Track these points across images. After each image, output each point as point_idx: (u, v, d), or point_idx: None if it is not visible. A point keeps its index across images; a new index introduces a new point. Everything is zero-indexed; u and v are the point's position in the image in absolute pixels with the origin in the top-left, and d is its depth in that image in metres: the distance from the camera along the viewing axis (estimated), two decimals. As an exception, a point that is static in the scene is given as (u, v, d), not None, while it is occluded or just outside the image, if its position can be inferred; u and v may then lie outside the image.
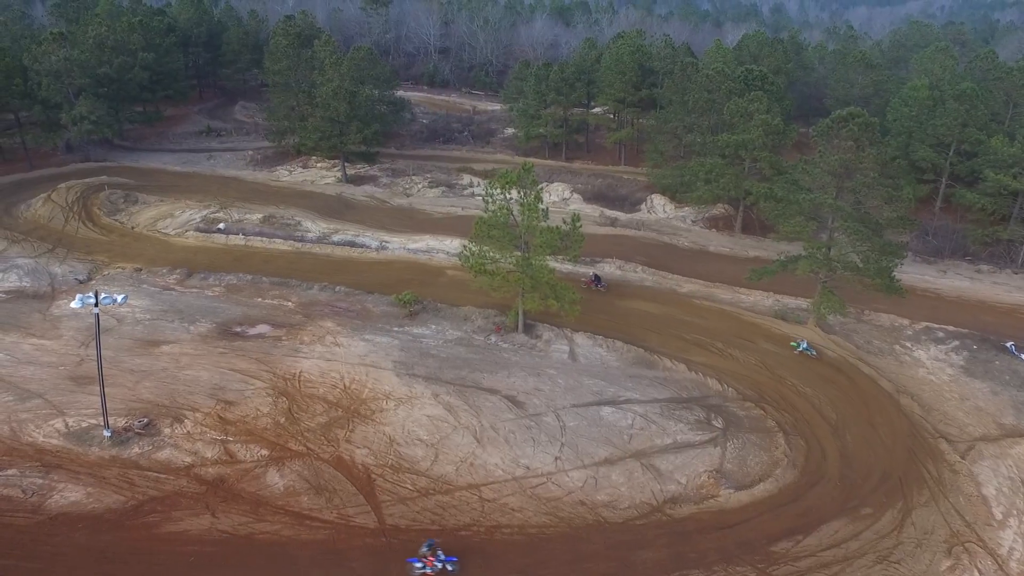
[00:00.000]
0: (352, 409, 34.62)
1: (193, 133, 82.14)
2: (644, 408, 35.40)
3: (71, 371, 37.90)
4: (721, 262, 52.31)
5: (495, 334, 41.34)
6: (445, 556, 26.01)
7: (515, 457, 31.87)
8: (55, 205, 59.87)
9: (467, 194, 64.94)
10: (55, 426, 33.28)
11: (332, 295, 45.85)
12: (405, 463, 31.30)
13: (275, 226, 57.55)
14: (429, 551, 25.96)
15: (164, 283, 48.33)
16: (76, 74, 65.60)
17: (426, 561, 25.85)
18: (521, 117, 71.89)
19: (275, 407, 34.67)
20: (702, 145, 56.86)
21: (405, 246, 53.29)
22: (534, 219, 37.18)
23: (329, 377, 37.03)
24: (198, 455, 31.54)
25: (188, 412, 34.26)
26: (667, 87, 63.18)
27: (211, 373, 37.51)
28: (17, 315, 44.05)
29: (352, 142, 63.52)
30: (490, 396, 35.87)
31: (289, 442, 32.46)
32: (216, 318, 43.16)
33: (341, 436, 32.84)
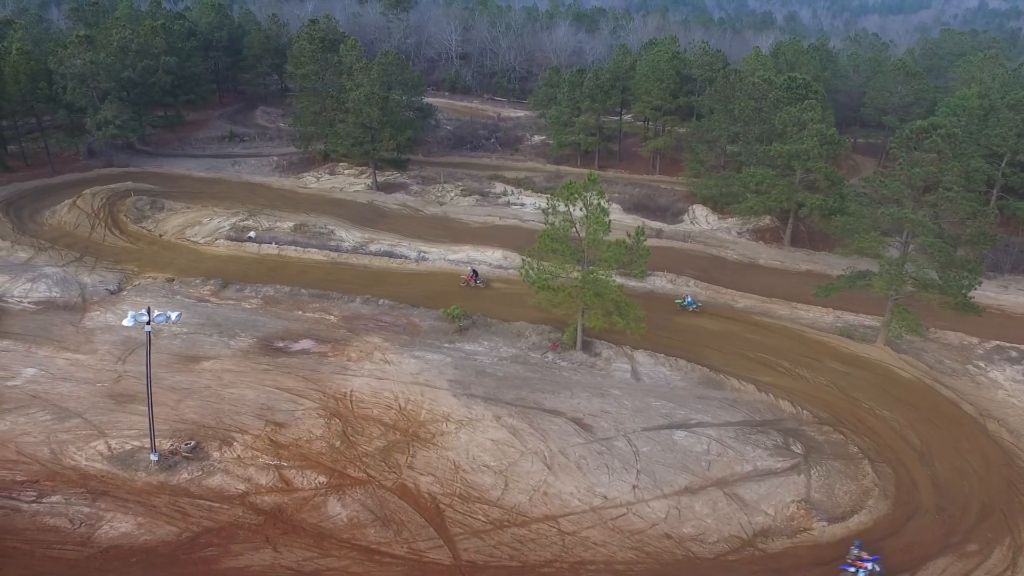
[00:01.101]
0: (411, 432, 32.72)
1: (215, 138, 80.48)
2: (718, 432, 33.51)
3: (109, 388, 36.03)
4: (773, 276, 50.48)
5: (551, 351, 39.47)
6: (869, 555, 25.35)
7: (590, 485, 29.96)
8: (80, 211, 58.10)
9: (502, 203, 63.16)
10: (97, 448, 31.39)
11: (376, 309, 44.00)
12: (474, 492, 29.38)
13: (307, 235, 55.77)
14: (859, 552, 25.30)
15: (198, 294, 46.51)
16: (102, 77, 63.99)
17: (858, 564, 25.01)
18: (554, 124, 70.23)
19: (328, 429, 32.78)
20: (749, 155, 55.17)
21: (445, 257, 51.47)
22: (600, 232, 35.34)
23: (382, 397, 35.16)
24: (252, 482, 29.62)
25: (236, 434, 32.37)
26: (708, 95, 61.56)
27: (257, 392, 35.64)
28: (49, 327, 42.21)
29: (385, 148, 61.84)
30: (555, 418, 33.98)
31: (347, 468, 30.55)
32: (256, 332, 41.31)
33: (402, 462, 30.92)
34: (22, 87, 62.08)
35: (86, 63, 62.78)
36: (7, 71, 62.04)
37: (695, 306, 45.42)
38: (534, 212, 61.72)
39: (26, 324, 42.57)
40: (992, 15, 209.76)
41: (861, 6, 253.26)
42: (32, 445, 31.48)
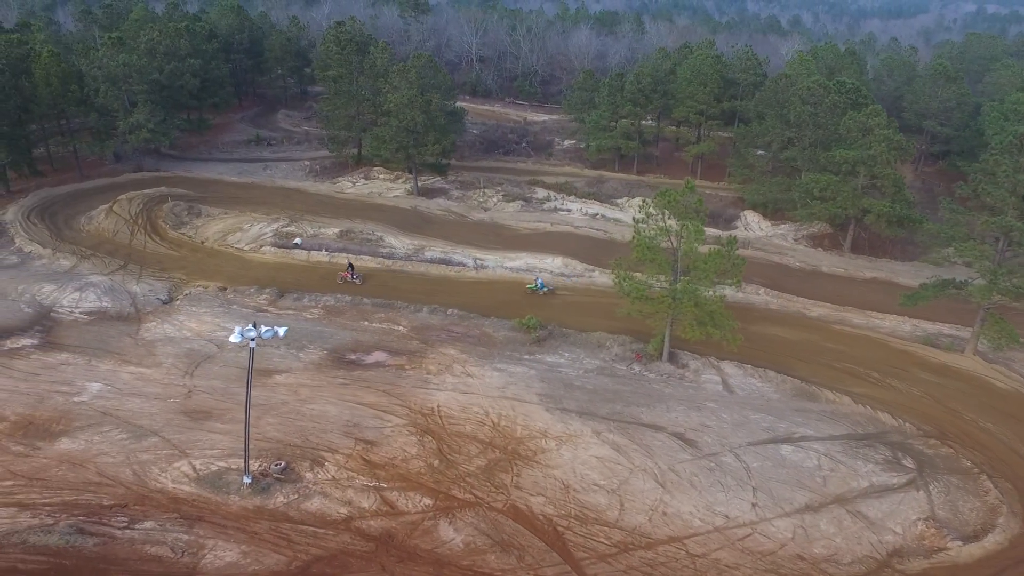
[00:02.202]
0: (510, 450, 31.30)
1: (241, 142, 78.57)
2: (824, 446, 32.37)
3: (182, 404, 34.35)
4: (838, 283, 49.54)
5: (636, 363, 38.23)
6: None
7: (708, 504, 28.70)
8: (118, 217, 56.15)
9: (548, 208, 61.83)
10: (182, 469, 29.72)
11: (445, 319, 42.54)
12: (590, 513, 28.02)
13: (354, 241, 54.20)
14: None
15: (255, 304, 44.82)
16: (134, 80, 62.04)
17: None
18: (593, 129, 69.06)
19: (423, 448, 31.30)
20: (805, 160, 54.26)
21: (502, 264, 50.08)
22: (699, 242, 34.12)
23: (472, 412, 33.73)
24: (353, 505, 28.07)
25: (326, 453, 30.83)
26: (757, 99, 60.66)
27: (338, 408, 34.10)
28: (106, 339, 40.41)
29: (430, 153, 60.32)
30: (655, 433, 32.72)
31: (451, 489, 29.07)
32: (325, 344, 39.73)
33: (508, 481, 29.50)
34: (53, 89, 60.02)
35: (119, 65, 60.84)
36: (38, 73, 60.00)
37: (545, 289, 45.43)
38: (583, 218, 60.61)
39: (82, 336, 40.78)
40: (991, 20, 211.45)
41: (860, 10, 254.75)
42: (113, 466, 29.81)
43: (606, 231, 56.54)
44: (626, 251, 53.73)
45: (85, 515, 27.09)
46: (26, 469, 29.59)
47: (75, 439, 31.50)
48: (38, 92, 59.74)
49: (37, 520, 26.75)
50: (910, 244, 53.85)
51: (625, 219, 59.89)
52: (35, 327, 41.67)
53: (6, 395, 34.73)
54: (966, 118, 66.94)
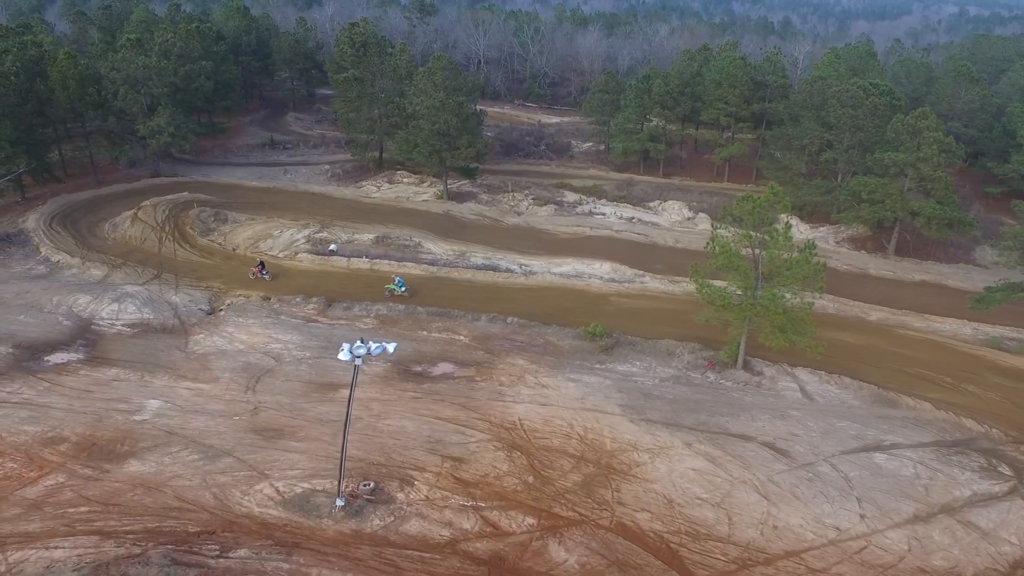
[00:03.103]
0: (604, 464, 30.31)
1: (255, 146, 76.60)
2: (917, 454, 31.85)
3: (250, 422, 32.84)
4: (888, 287, 49.25)
5: (710, 370, 37.47)
6: None
7: (816, 516, 27.96)
8: (144, 224, 54.18)
9: (581, 212, 60.95)
10: (265, 492, 28.25)
11: (505, 327, 41.40)
12: (700, 528, 27.13)
13: (391, 247, 52.82)
14: None
15: (304, 314, 43.31)
16: (154, 82, 59.95)
17: None
18: (619, 131, 68.33)
19: (513, 464, 30.17)
20: (846, 163, 54.04)
21: (549, 270, 49.03)
22: (784, 249, 33.42)
23: (555, 425, 32.70)
24: (454, 527, 26.86)
25: (414, 472, 29.57)
26: (791, 101, 60.34)
27: (415, 423, 32.85)
28: (155, 353, 38.68)
29: (463, 157, 59.08)
30: (746, 443, 31.94)
31: (553, 507, 27.99)
32: (387, 356, 38.36)
33: (609, 497, 28.51)
34: (70, 92, 57.77)
35: (139, 67, 58.74)
36: (54, 76, 57.73)
37: (404, 289, 45.01)
38: (619, 222, 59.79)
39: (129, 349, 38.99)
40: (976, 22, 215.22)
41: (844, 12, 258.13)
42: (190, 489, 28.27)
43: (646, 235, 55.80)
44: (671, 256, 53.75)
45: (173, 543, 25.57)
46: (99, 494, 27.97)
47: (144, 461, 29.92)
48: (55, 95, 57.50)
49: (123, 550, 25.16)
50: (951, 246, 53.95)
51: (662, 223, 59.38)
52: (78, 341, 39.85)
53: (62, 414, 33.02)
54: (989, 119, 67.36)
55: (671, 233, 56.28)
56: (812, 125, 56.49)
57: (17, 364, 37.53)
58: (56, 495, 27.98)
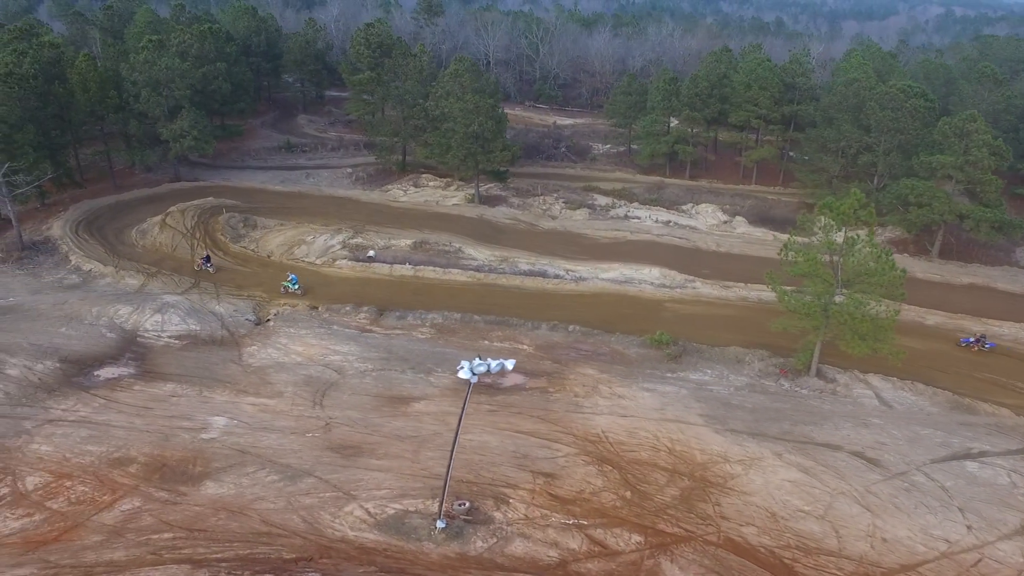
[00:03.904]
0: (698, 477, 29.56)
1: (271, 149, 74.85)
2: (1008, 462, 31.47)
3: (324, 439, 31.61)
4: (937, 290, 49.05)
5: (783, 378, 36.94)
6: None
7: (923, 527, 27.43)
8: (173, 231, 52.53)
9: (616, 216, 60.20)
10: (355, 514, 27.08)
11: (567, 336, 40.53)
12: (809, 542, 26.45)
13: (430, 253, 51.70)
14: None
15: (357, 324, 42.11)
16: (176, 84, 58.12)
17: None
18: (646, 134, 67.71)
19: (607, 478, 29.31)
20: (885, 166, 53.89)
21: (597, 276, 48.22)
22: (871, 256, 32.88)
23: (641, 437, 31.89)
24: (561, 546, 25.91)
25: (507, 489, 28.57)
26: (826, 103, 60.07)
27: (497, 437, 31.85)
28: (209, 366, 37.27)
29: (498, 160, 58.08)
30: (834, 453, 31.38)
31: (656, 523, 27.16)
32: (451, 366, 36.97)
33: (711, 511, 27.75)
34: (91, 95, 55.85)
35: (161, 69, 56.91)
36: (74, 79, 55.77)
37: (297, 287, 45.16)
38: (657, 225, 59.13)
39: (181, 363, 37.55)
40: (965, 22, 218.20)
41: (832, 12, 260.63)
42: (276, 512, 27.01)
43: (687, 239, 55.25)
44: (716, 260, 53.07)
45: (271, 572, 24.42)
46: (181, 519, 26.64)
47: (221, 482, 28.63)
48: (75, 98, 55.54)
49: (221, 580, 24.06)
50: (993, 248, 54.08)
51: (699, 226, 58.86)
52: (126, 354, 38.32)
53: (124, 433, 31.57)
54: (1015, 120, 67.73)
55: (711, 237, 55.78)
56: (850, 128, 56.27)
57: (67, 380, 35.99)
58: (135, 520, 26.62)
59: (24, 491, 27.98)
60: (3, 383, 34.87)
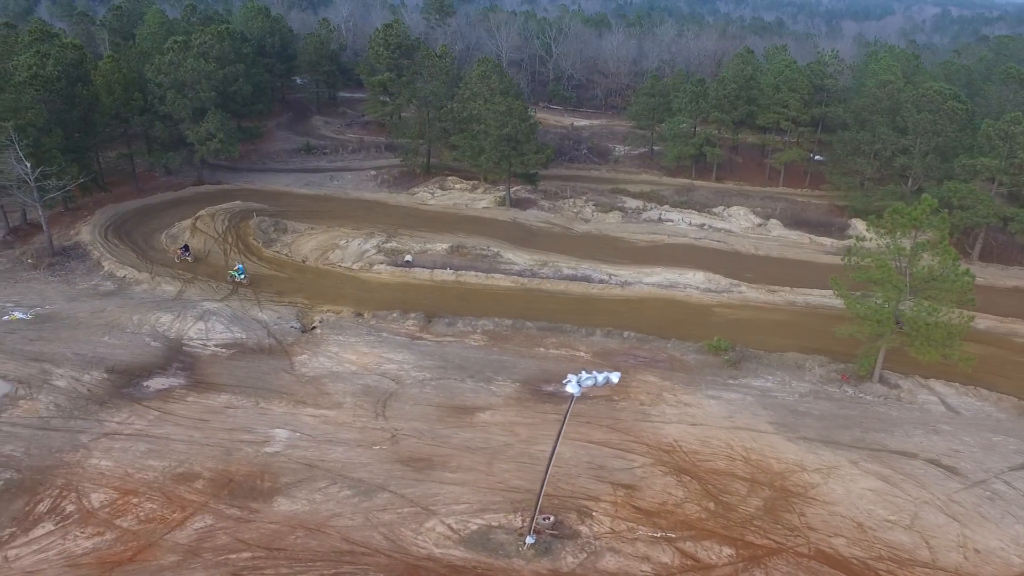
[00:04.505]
0: (778, 486, 29.07)
1: (291, 151, 73.86)
2: (1084, 468, 31.40)
3: (392, 452, 30.84)
4: (981, 293, 46.59)
5: (845, 384, 36.59)
6: None
7: (1013, 538, 27.01)
8: (205, 235, 51.51)
9: (648, 219, 59.68)
10: (438, 530, 26.38)
11: (623, 342, 39.98)
12: (901, 553, 26.01)
13: (470, 258, 50.98)
14: None
15: (406, 331, 41.33)
16: (202, 86, 57.07)
17: None
18: (673, 136, 67.28)
19: (687, 489, 28.77)
20: (922, 168, 53.73)
21: (641, 280, 47.69)
22: (945, 262, 32.51)
23: (713, 446, 31.39)
24: (653, 561, 25.35)
25: (588, 502, 27.98)
26: (860, 105, 59.82)
27: (570, 448, 31.05)
28: (261, 376, 36.39)
29: (532, 163, 57.43)
30: (910, 461, 31.00)
31: (744, 534, 26.68)
32: (512, 375, 36.66)
33: (797, 522, 27.30)
34: (116, 98, 54.70)
35: (188, 70, 55.85)
36: (98, 81, 54.60)
37: (243, 277, 45.73)
38: (691, 228, 58.65)
39: (232, 373, 36.65)
40: (963, 22, 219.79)
41: (828, 12, 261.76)
42: (355, 529, 26.29)
43: (725, 242, 54.85)
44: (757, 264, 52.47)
45: (362, 592, 23.78)
46: (257, 537, 25.86)
47: (293, 498, 27.82)
48: (100, 101, 54.37)
49: (313, 601, 23.34)
50: (1031, 250, 54.19)
51: (734, 229, 58.46)
52: (173, 364, 37.37)
53: (184, 447, 30.68)
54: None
55: (748, 240, 55.42)
56: (885, 130, 56.04)
57: (116, 391, 35.00)
58: (210, 539, 25.80)
59: (91, 508, 27.10)
60: (52, 395, 33.95)
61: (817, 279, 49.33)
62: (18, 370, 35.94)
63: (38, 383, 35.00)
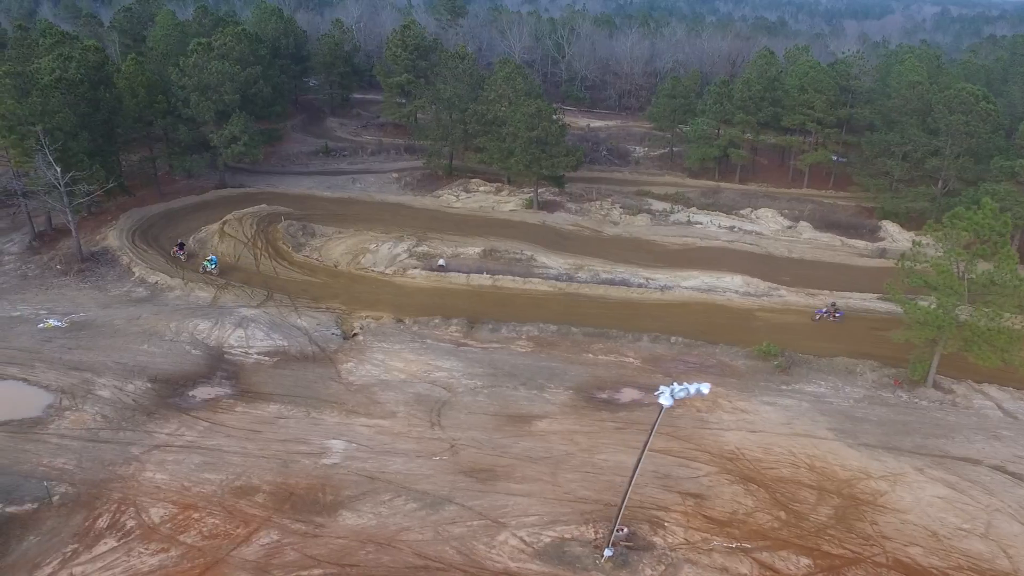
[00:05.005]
0: (846, 494, 28.73)
1: (310, 153, 73.16)
2: None
3: (453, 463, 30.32)
4: (1017, 293, 49.00)
5: (898, 389, 36.34)
6: None
7: (1091, 547, 27.01)
8: (234, 240, 50.83)
9: (677, 221, 59.28)
10: (511, 544, 25.89)
11: (671, 348, 39.58)
12: (980, 563, 25.69)
13: (503, 262, 50.49)
14: None
15: (450, 337, 40.80)
16: (226, 88, 56.34)
17: None
18: (696, 137, 66.97)
19: (756, 498, 28.40)
20: (955, 170, 53.58)
21: (679, 284, 47.33)
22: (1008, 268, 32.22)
23: (776, 453, 31.04)
24: (731, 572, 24.92)
25: (658, 512, 27.56)
26: (889, 106, 59.55)
27: (631, 457, 30.38)
28: (309, 385, 35.82)
29: (562, 165, 56.95)
30: (974, 467, 30.72)
31: (820, 544, 26.33)
32: (564, 382, 36.21)
33: (870, 531, 27.00)
34: (139, 100, 53.90)
35: (213, 72, 55.13)
36: (121, 84, 53.80)
37: (214, 267, 47.03)
38: (721, 231, 58.19)
39: (278, 381, 36.05)
40: (965, 21, 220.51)
41: (828, 11, 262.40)
42: (427, 544, 25.78)
43: (757, 245, 54.55)
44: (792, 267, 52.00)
45: (443, 608, 23.31)
46: (326, 553, 25.33)
47: (358, 512, 27.30)
48: (123, 103, 53.57)
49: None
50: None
51: (764, 232, 58.15)
52: (217, 373, 36.75)
53: (239, 459, 30.11)
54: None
55: (779, 243, 55.15)
56: (916, 131, 55.88)
57: (162, 401, 34.38)
58: (278, 555, 25.26)
59: (152, 523, 26.53)
60: (98, 405, 33.32)
61: (854, 282, 49.26)
62: (60, 380, 35.34)
63: (81, 393, 34.39)
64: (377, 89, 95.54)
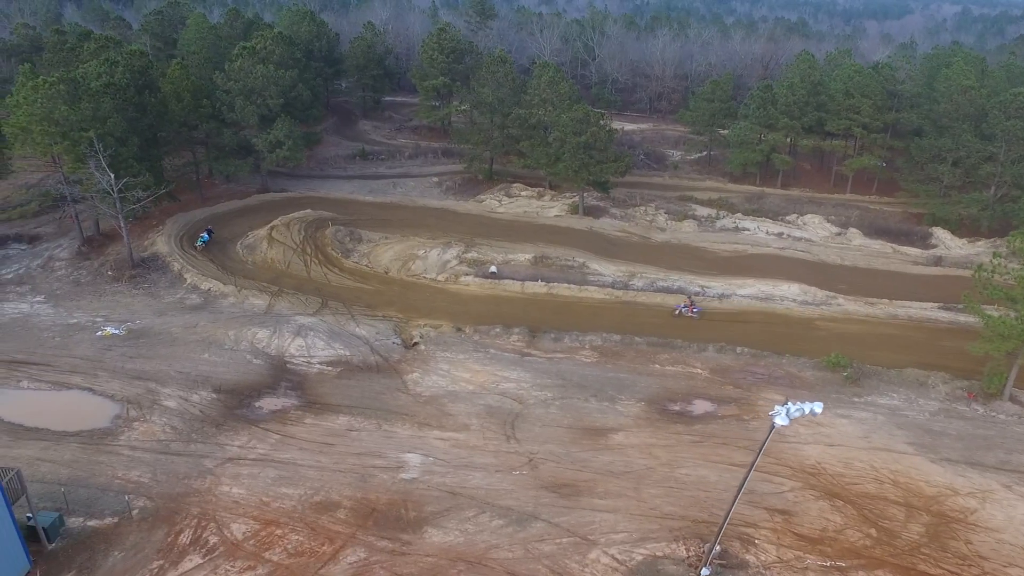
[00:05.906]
0: (935, 511, 28.18)
1: (347, 157, 72.86)
2: None
3: (534, 477, 29.88)
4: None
5: (972, 402, 35.71)
6: None
7: None
8: (283, 246, 50.60)
9: (724, 228, 58.61)
10: (603, 562, 25.47)
11: (737, 358, 39.03)
12: (1087, 587, 25.33)
13: (555, 269, 50.00)
14: None
15: (512, 347, 40.39)
16: (270, 92, 56.10)
17: None
18: (739, 143, 66.25)
19: (843, 515, 27.88)
20: (1012, 176, 52.68)
21: (735, 292, 46.76)
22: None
23: (857, 468, 30.49)
24: (833, 594, 24.62)
25: (747, 529, 27.10)
26: (940, 111, 58.57)
27: (714, 471, 30.26)
28: (376, 396, 35.49)
29: (611, 171, 56.42)
30: (1064, 485, 30.30)
31: (916, 563, 25.81)
32: (634, 393, 35.75)
33: (965, 550, 26.45)
34: (184, 105, 53.76)
35: (258, 77, 54.90)
36: (166, 88, 53.65)
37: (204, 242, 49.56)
38: (770, 238, 57.45)
39: (344, 392, 35.74)
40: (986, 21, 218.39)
41: (846, 11, 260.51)
42: (517, 562, 25.39)
43: (809, 252, 53.85)
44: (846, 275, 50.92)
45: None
46: (416, 572, 24.96)
47: (444, 529, 26.94)
48: (169, 107, 53.41)
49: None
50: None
51: (813, 238, 57.44)
52: (281, 383, 36.46)
53: (315, 473, 29.81)
54: None
55: (831, 250, 54.45)
56: (969, 137, 55.02)
57: (229, 412, 34.12)
58: (368, 574, 24.92)
59: (235, 540, 26.26)
60: (166, 416, 33.12)
61: (912, 291, 48.52)
62: (124, 389, 35.17)
63: (148, 403, 34.20)
64: (407, 92, 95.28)
